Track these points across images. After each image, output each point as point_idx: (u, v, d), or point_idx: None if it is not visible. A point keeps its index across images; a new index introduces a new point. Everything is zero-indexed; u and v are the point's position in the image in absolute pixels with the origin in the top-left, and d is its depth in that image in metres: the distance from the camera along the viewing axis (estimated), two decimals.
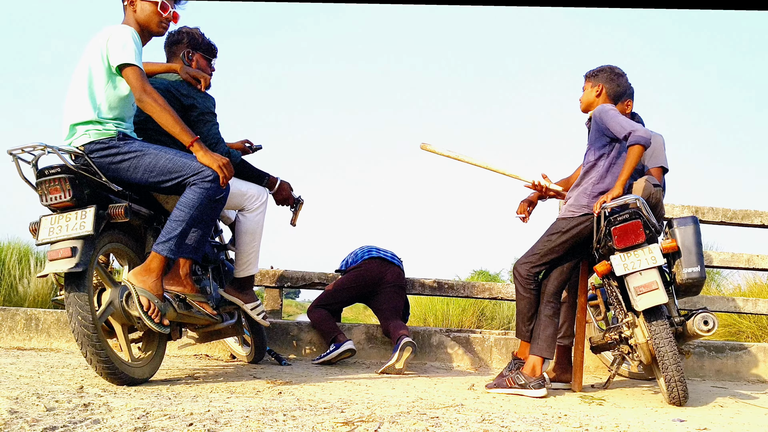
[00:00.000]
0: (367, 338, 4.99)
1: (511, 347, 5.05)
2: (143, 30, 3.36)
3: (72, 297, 3.01)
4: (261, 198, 3.84)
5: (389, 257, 5.05)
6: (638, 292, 3.43)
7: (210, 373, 3.85)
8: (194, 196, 3.17)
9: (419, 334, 5.02)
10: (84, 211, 3.08)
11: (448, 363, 5.00)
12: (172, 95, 3.61)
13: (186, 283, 3.40)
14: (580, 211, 3.64)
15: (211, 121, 3.69)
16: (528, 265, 3.73)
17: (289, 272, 5.18)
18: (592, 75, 3.81)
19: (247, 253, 3.84)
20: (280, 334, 4.93)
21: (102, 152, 3.15)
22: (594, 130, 3.71)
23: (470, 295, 5.31)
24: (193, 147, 3.19)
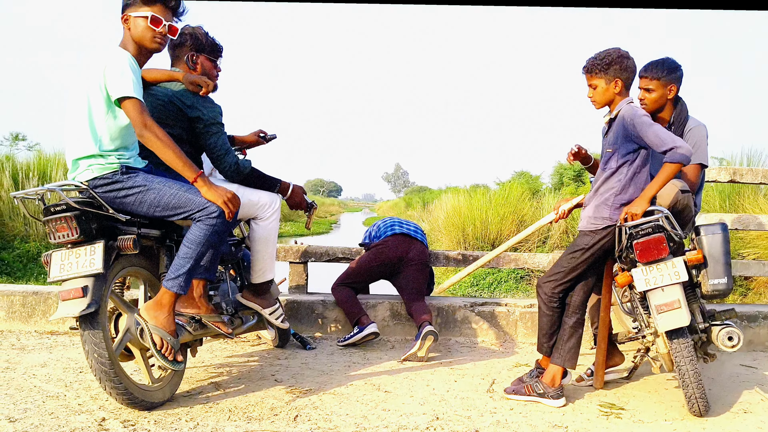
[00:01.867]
0: (391, 315, 4.98)
1: (536, 321, 4.99)
2: (140, 48, 3.19)
3: (87, 335, 3.02)
4: (273, 206, 3.75)
5: (412, 232, 4.96)
6: (659, 311, 3.30)
7: (233, 375, 3.90)
8: (200, 232, 3.10)
9: (443, 309, 4.99)
10: (93, 247, 3.05)
11: (473, 338, 4.98)
12: (176, 107, 3.48)
13: (201, 305, 3.38)
14: (602, 223, 3.46)
15: (217, 132, 3.56)
16: (552, 284, 3.60)
17: (312, 247, 5.15)
18: (602, 69, 3.46)
19: (262, 260, 3.79)
20: (306, 312, 4.95)
21: (106, 187, 3.08)
22: (620, 134, 3.44)
23: (496, 266, 5.22)
24: (196, 183, 3.08)
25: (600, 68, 3.46)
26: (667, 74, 3.82)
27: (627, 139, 3.43)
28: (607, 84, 3.47)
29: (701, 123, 3.90)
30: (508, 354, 4.67)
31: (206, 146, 3.56)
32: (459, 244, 14.23)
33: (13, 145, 19.60)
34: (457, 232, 14.53)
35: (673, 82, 3.81)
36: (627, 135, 3.42)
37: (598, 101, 3.54)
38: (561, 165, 22.16)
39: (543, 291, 3.63)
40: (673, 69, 3.81)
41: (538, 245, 14.15)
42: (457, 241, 14.33)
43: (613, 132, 3.50)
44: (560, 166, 22.20)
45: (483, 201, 15.53)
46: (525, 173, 26.29)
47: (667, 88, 3.84)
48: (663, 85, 3.84)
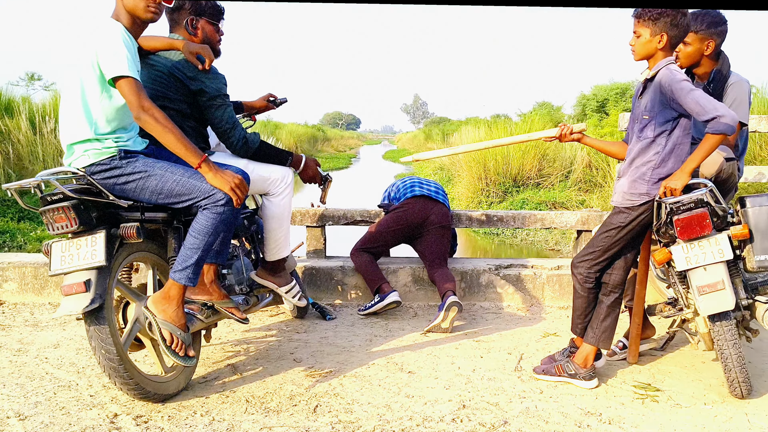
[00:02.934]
0: (413, 280, 4.78)
1: (564, 284, 4.78)
2: (134, 19, 2.90)
3: (92, 331, 2.84)
4: (286, 180, 3.51)
5: (433, 194, 4.71)
6: (701, 292, 3.05)
7: (251, 354, 3.74)
8: (207, 222, 2.88)
9: (467, 274, 4.77)
10: (94, 237, 2.85)
11: (498, 303, 4.78)
12: (177, 80, 3.21)
13: (212, 291, 3.19)
14: (639, 199, 3.17)
15: (223, 104, 3.29)
16: (587, 263, 3.34)
17: (330, 210, 4.92)
18: (652, 19, 3.08)
19: (275, 238, 3.57)
20: (324, 279, 4.76)
21: (104, 174, 2.85)
22: (657, 100, 3.11)
23: (522, 225, 4.97)
24: (201, 168, 2.84)
25: (649, 16, 3.09)
26: (706, 27, 3.46)
27: (664, 106, 3.10)
28: (651, 36, 3.11)
29: (743, 78, 3.54)
30: (535, 320, 4.47)
31: (211, 121, 3.31)
32: (480, 180, 13.98)
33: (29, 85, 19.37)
34: (479, 168, 14.27)
35: (712, 37, 3.45)
36: (664, 101, 3.09)
37: (637, 52, 3.19)
38: (584, 95, 21.55)
39: (578, 271, 3.38)
40: (714, 23, 3.44)
41: (560, 179, 13.85)
42: (478, 177, 14.10)
43: (649, 96, 3.17)
44: (583, 96, 21.59)
45: (504, 134, 15.17)
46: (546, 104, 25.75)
47: (704, 43, 3.49)
48: (700, 40, 3.48)
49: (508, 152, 14.28)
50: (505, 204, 13.06)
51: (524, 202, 12.53)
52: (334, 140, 49.96)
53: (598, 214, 4.94)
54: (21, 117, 12.43)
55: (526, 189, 13.86)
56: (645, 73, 3.24)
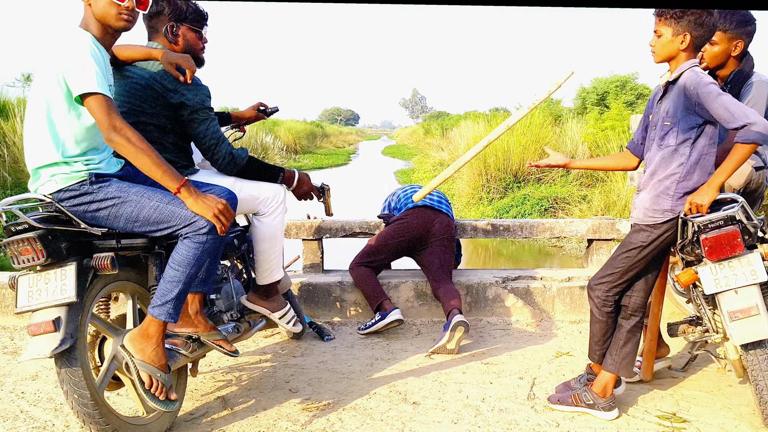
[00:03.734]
0: (416, 295, 4.49)
1: (575, 297, 4.48)
2: (104, 27, 2.60)
3: (64, 374, 2.55)
4: (277, 198, 3.21)
5: (435, 204, 4.41)
6: (733, 318, 2.76)
7: (243, 384, 3.45)
8: (188, 252, 2.58)
9: (472, 287, 4.48)
10: (64, 270, 2.55)
11: (506, 318, 4.49)
12: (155, 92, 2.91)
13: (198, 322, 2.90)
14: (663, 217, 2.87)
15: (206, 118, 2.99)
16: (605, 286, 3.04)
17: (327, 222, 4.62)
18: (674, 17, 2.77)
19: (267, 261, 3.28)
20: (322, 295, 4.47)
21: (74, 200, 2.55)
22: (680, 104, 2.81)
23: (529, 235, 4.67)
24: (180, 194, 2.54)
25: (672, 14, 2.77)
26: (735, 27, 3.16)
27: (688, 112, 2.80)
28: (673, 36, 2.80)
29: (765, 79, 3.24)
30: (547, 337, 4.18)
31: (194, 136, 3.01)
32: (481, 176, 13.75)
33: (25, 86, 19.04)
34: (479, 164, 14.04)
35: (740, 37, 3.16)
36: (689, 107, 2.79)
37: (658, 53, 2.88)
38: (583, 88, 21.19)
39: (595, 294, 3.08)
40: (743, 22, 3.14)
41: (561, 174, 13.56)
42: (479, 173, 13.89)
43: (672, 101, 2.86)
44: (582, 89, 21.24)
45: None
46: None
47: (732, 43, 3.20)
48: (728, 39, 3.19)
49: (508, 148, 14.02)
50: (506, 200, 12.79)
51: (525, 197, 12.28)
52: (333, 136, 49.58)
53: (609, 222, 4.65)
54: (16, 119, 12.14)
55: (527, 185, 13.61)
56: (666, 76, 2.93)
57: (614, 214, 9.79)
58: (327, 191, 3.48)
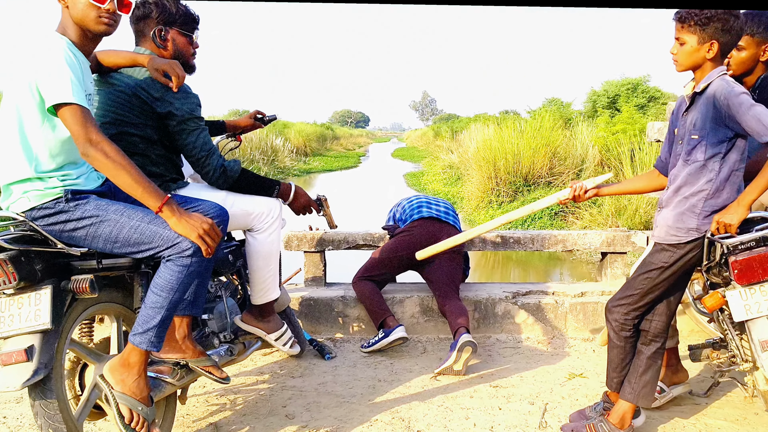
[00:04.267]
0: (421, 310, 4.26)
1: (589, 313, 4.24)
2: (83, 32, 2.38)
3: (38, 407, 2.34)
4: (272, 213, 2.99)
5: (442, 215, 4.18)
6: (765, 347, 2.52)
7: (237, 408, 3.23)
8: (171, 276, 2.36)
9: (481, 303, 4.24)
10: (38, 294, 2.34)
11: (516, 335, 4.25)
12: (141, 101, 2.70)
13: (186, 347, 2.68)
14: (687, 236, 2.62)
15: (196, 128, 2.78)
16: (624, 308, 2.79)
17: (329, 234, 4.39)
18: (699, 24, 2.51)
19: (262, 279, 3.06)
20: (324, 310, 4.24)
21: (49, 219, 2.33)
22: (708, 116, 2.56)
23: (541, 248, 4.43)
24: (162, 213, 2.32)
25: (697, 21, 2.52)
26: (764, 30, 2.92)
27: (717, 124, 2.55)
28: (699, 44, 2.55)
29: None
30: (559, 356, 3.94)
31: (182, 147, 2.80)
32: (490, 179, 13.53)
33: None
34: (488, 167, 13.82)
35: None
36: (718, 119, 2.54)
37: (681, 62, 2.62)
38: (594, 91, 20.90)
39: (613, 317, 2.84)
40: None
41: (572, 178, 13.31)
42: (488, 176, 13.68)
43: (699, 112, 2.61)
44: (593, 92, 20.95)
45: (514, 132, 14.67)
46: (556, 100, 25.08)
47: (761, 47, 2.96)
48: (756, 44, 2.95)
49: (518, 151, 13.79)
50: (516, 204, 12.55)
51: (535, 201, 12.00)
52: (343, 138, 49.36)
53: (624, 234, 4.40)
54: None
55: (537, 188, 13.39)
56: (689, 86, 2.69)
57: (625, 219, 9.53)
58: (325, 202, 3.25)
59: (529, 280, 7.68)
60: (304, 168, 24.99)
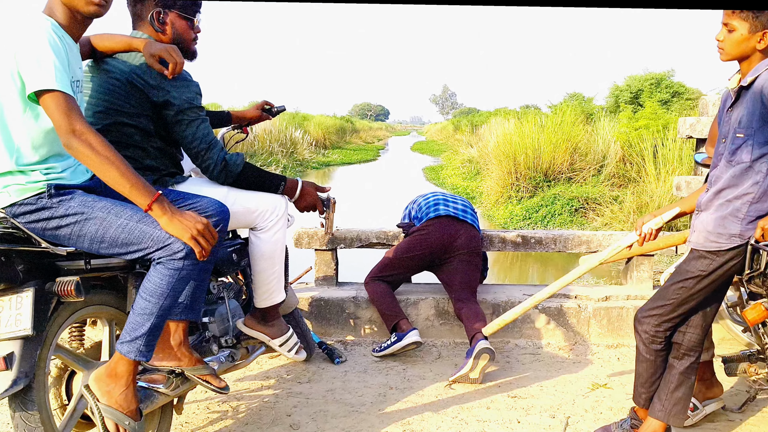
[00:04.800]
0: (437, 313, 4.03)
1: (613, 318, 3.99)
2: (72, 14, 2.17)
3: (18, 418, 2.16)
4: (277, 211, 2.77)
5: (460, 214, 3.94)
6: None
7: (240, 417, 3.03)
8: (161, 280, 2.15)
9: (500, 306, 4.00)
10: (20, 297, 2.15)
11: (536, 341, 4.00)
12: (136, 89, 2.49)
13: (181, 355, 2.47)
14: (729, 243, 2.37)
15: (195, 119, 2.56)
16: (655, 319, 2.55)
17: (341, 232, 4.17)
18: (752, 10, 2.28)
19: (266, 281, 2.85)
20: (335, 311, 4.03)
21: (30, 216, 2.13)
22: (756, 113, 2.30)
23: (563, 249, 4.18)
24: (152, 211, 2.11)
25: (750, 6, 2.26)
26: None
27: (766, 121, 2.29)
28: (750, 32, 2.29)
29: None
30: (581, 364, 3.70)
31: (181, 140, 2.58)
32: (510, 174, 13.27)
33: None
34: (508, 162, 13.56)
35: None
36: (766, 115, 2.28)
37: (728, 51, 2.36)
38: (617, 86, 20.47)
39: (643, 328, 2.60)
40: None
41: (593, 174, 13.02)
42: (508, 171, 13.42)
43: (746, 109, 2.35)
44: (615, 87, 20.51)
45: (534, 127, 14.38)
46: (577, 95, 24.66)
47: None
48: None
49: (539, 146, 13.51)
50: (535, 199, 12.26)
51: (555, 197, 11.77)
52: (362, 131, 49.03)
53: None
54: None
55: (558, 184, 13.08)
56: (735, 79, 2.43)
57: None
58: (333, 205, 3.02)
59: (549, 279, 7.40)
60: (322, 161, 24.78)
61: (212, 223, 2.37)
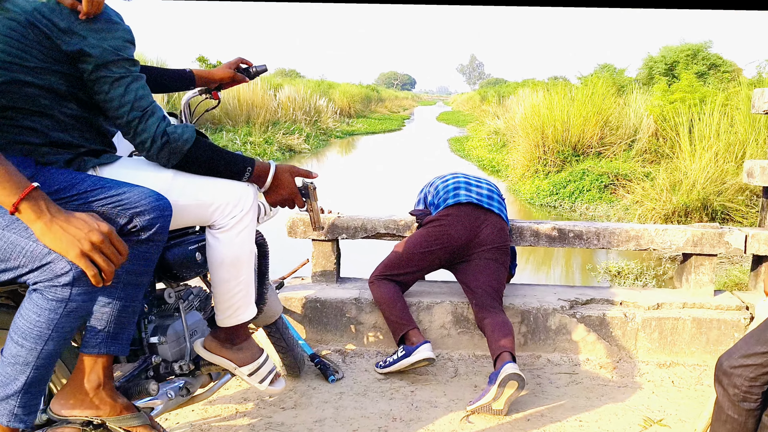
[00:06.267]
0: (454, 320, 3.30)
1: (666, 331, 3.23)
2: None
3: None
4: (241, 204, 2.03)
5: (485, 202, 3.19)
6: None
7: None
8: (39, 316, 1.45)
9: (530, 313, 3.26)
10: None
11: (573, 355, 3.26)
12: (41, 34, 1.75)
13: (100, 401, 1.77)
14: None
15: (124, 76, 1.81)
16: (751, 371, 1.81)
17: (343, 219, 3.44)
18: None
19: (230, 295, 2.12)
20: (334, 315, 3.31)
21: None
22: None
23: (608, 245, 3.41)
24: (20, 214, 1.40)
25: None
26: None
27: None
28: None
29: None
30: (628, 389, 2.96)
31: (103, 104, 1.84)
32: (537, 147, 12.53)
33: None
34: (536, 135, 12.83)
35: None
36: None
37: None
38: (651, 57, 19.29)
39: (731, 382, 1.86)
40: None
41: (624, 149, 12.18)
42: (535, 144, 12.69)
43: None
44: (650, 58, 19.34)
45: (564, 99, 13.54)
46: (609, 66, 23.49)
47: None
48: None
49: (568, 118, 12.72)
50: (563, 174, 11.48)
51: (584, 172, 11.00)
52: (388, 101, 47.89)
53: (715, 231, 3.35)
54: None
55: (587, 158, 12.30)
56: None
57: (680, 196, 8.40)
58: (312, 193, 2.22)
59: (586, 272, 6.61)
60: (346, 130, 23.98)
61: (144, 223, 1.67)
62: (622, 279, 6.04)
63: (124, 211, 1.71)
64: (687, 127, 10.27)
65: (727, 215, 8.22)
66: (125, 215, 1.71)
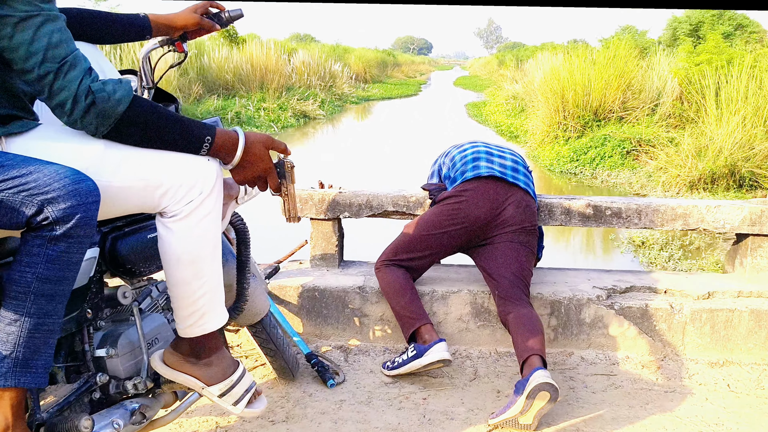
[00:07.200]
0: (473, 311, 2.82)
1: (719, 324, 2.74)
2: None
3: None
4: (199, 186, 1.54)
5: (509, 175, 2.69)
6: None
7: None
8: None
9: (561, 304, 2.78)
10: None
11: (610, 352, 2.78)
12: None
13: None
14: None
15: (33, 15, 1.33)
16: None
17: (346, 195, 2.95)
18: None
19: (191, 297, 1.65)
20: (335, 306, 2.85)
21: None
22: None
23: (650, 225, 2.90)
24: None
25: None
26: None
27: None
28: None
29: None
30: (677, 394, 2.49)
31: (8, 53, 1.35)
32: (557, 112, 12.02)
33: None
34: (556, 99, 12.32)
35: None
36: None
37: None
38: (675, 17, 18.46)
39: None
40: None
41: (647, 113, 11.61)
42: (555, 109, 12.19)
43: None
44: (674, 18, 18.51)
45: (584, 62, 12.96)
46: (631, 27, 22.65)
47: None
48: None
49: (588, 82, 12.17)
50: (584, 140, 10.98)
51: (606, 138, 10.52)
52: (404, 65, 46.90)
53: None
54: None
55: (608, 123, 11.80)
56: None
57: (706, 162, 7.86)
58: (290, 171, 1.70)
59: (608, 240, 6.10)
60: (362, 95, 23.35)
61: (58, 213, 1.23)
62: (647, 249, 5.56)
63: (30, 198, 1.26)
64: (714, 90, 9.71)
65: (755, 182, 7.70)
66: (32, 203, 1.26)
